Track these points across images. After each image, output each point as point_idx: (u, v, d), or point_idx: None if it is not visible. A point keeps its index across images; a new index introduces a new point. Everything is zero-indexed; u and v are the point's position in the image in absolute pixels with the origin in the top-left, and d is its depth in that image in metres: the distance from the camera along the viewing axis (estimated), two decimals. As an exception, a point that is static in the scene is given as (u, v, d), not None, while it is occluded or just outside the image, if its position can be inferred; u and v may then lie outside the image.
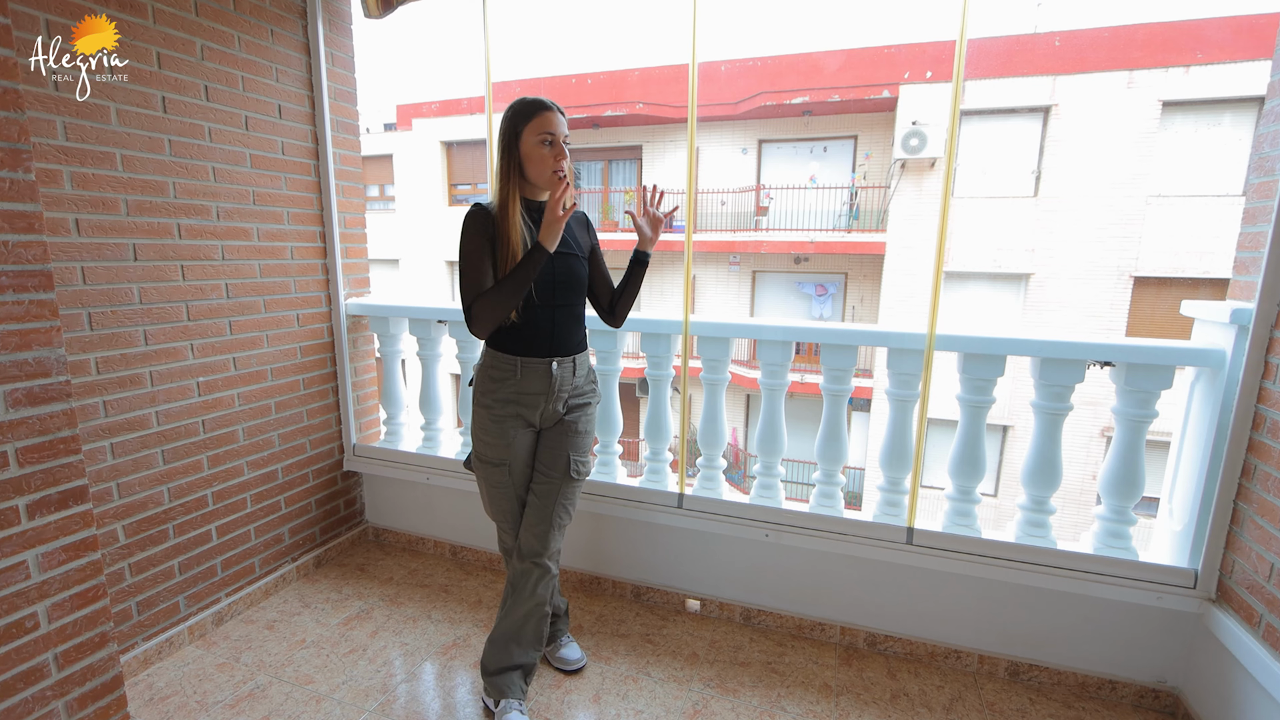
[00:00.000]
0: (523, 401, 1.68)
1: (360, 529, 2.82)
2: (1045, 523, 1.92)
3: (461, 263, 1.59)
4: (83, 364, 1.78)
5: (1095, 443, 8.91)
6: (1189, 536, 1.75)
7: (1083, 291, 8.88)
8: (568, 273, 1.66)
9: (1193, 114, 8.37)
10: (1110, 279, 8.76)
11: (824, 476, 2.14)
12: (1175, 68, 8.25)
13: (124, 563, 1.93)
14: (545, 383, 1.67)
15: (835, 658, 2.07)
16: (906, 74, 9.45)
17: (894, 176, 9.61)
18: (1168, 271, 8.56)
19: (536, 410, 1.70)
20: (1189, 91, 8.21)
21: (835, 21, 45.23)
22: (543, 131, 1.56)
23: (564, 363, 1.69)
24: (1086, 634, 1.88)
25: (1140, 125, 8.39)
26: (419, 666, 2.02)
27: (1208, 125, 8.37)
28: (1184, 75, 8.24)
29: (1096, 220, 8.71)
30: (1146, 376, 1.74)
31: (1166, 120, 8.40)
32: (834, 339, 2.03)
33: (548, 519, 1.72)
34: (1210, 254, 8.37)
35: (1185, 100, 8.27)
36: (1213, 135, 8.36)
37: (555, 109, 1.58)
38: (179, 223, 1.99)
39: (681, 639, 2.17)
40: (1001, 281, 9.36)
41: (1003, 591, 1.93)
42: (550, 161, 1.57)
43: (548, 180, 1.59)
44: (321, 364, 2.56)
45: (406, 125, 12.83)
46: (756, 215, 10.77)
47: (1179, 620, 1.78)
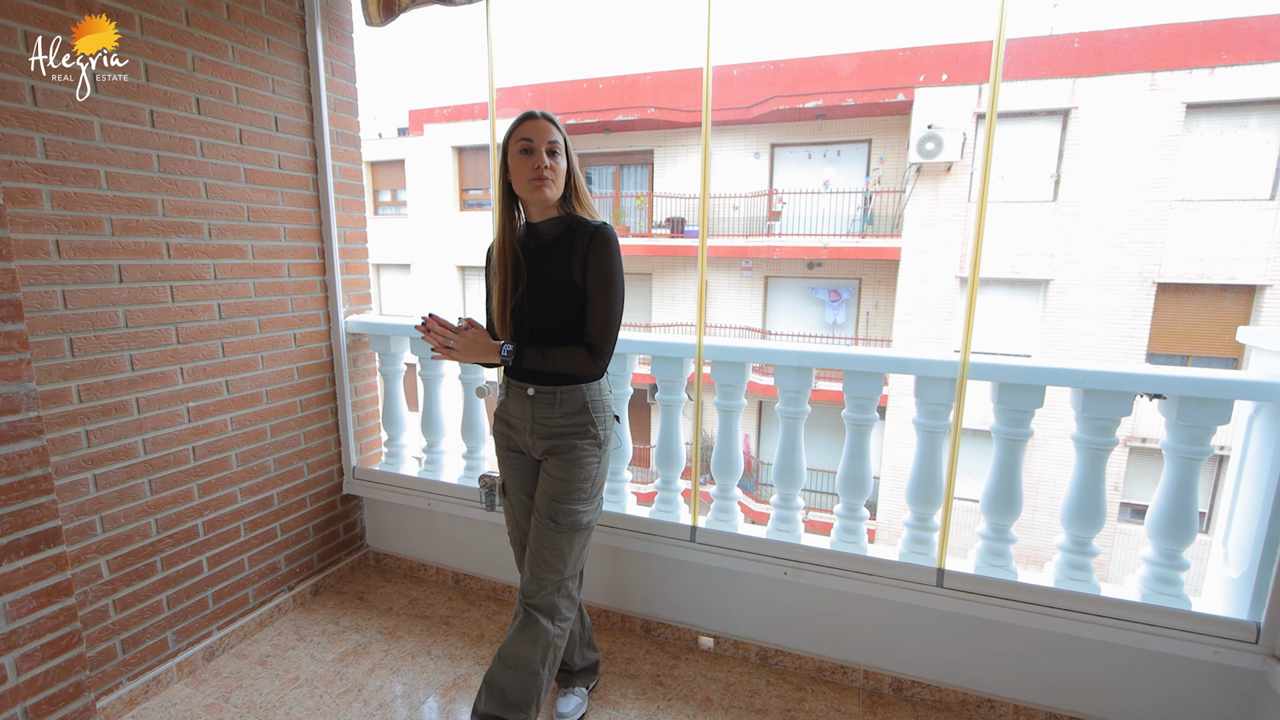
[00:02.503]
0: (511, 424, 1.66)
1: (360, 554, 2.72)
2: (1088, 565, 1.78)
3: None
4: (63, 393, 1.69)
5: (1118, 452, 8.68)
6: (1249, 585, 1.60)
7: (1104, 298, 8.65)
8: (546, 305, 1.51)
9: (1218, 116, 8.14)
10: (1132, 285, 8.54)
11: (846, 510, 2.01)
12: (1199, 69, 8.03)
13: (107, 599, 1.83)
14: (524, 409, 1.61)
15: (859, 705, 1.94)
16: (922, 77, 9.27)
17: (909, 181, 9.44)
18: (1192, 278, 8.33)
19: (523, 438, 1.64)
20: (1214, 94, 7.99)
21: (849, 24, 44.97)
22: (521, 139, 1.48)
23: (543, 393, 1.56)
24: (1133, 687, 1.73)
25: (1163, 128, 8.18)
26: (417, 710, 1.91)
27: (1234, 128, 8.14)
28: (1209, 77, 8.01)
29: (1118, 225, 8.49)
30: (1201, 411, 1.60)
31: (1191, 123, 8.17)
32: (859, 365, 1.90)
33: (532, 560, 1.58)
34: (1236, 260, 8.13)
35: (1210, 102, 8.04)
36: (1239, 138, 8.12)
37: (540, 117, 1.49)
38: (168, 241, 1.90)
39: (694, 680, 2.04)
40: (1020, 288, 9.16)
41: (1041, 639, 1.79)
42: (527, 170, 1.47)
43: (527, 189, 1.48)
44: (320, 384, 2.47)
45: (419, 130, 12.81)
46: (769, 220, 10.61)
47: (1238, 677, 1.63)
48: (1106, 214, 8.52)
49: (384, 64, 52.80)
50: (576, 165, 1.55)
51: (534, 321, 1.53)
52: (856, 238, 10.01)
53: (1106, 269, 8.62)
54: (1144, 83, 8.23)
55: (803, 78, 9.99)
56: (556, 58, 58.29)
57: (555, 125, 1.51)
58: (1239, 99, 7.96)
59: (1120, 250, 8.53)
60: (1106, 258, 8.60)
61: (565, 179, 1.52)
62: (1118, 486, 8.77)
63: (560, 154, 1.50)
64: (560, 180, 1.51)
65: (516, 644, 1.55)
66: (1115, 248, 8.55)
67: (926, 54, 9.40)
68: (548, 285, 1.52)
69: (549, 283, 1.51)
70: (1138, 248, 8.47)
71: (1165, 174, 8.22)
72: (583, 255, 1.48)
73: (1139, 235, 8.43)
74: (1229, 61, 7.97)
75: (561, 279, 1.50)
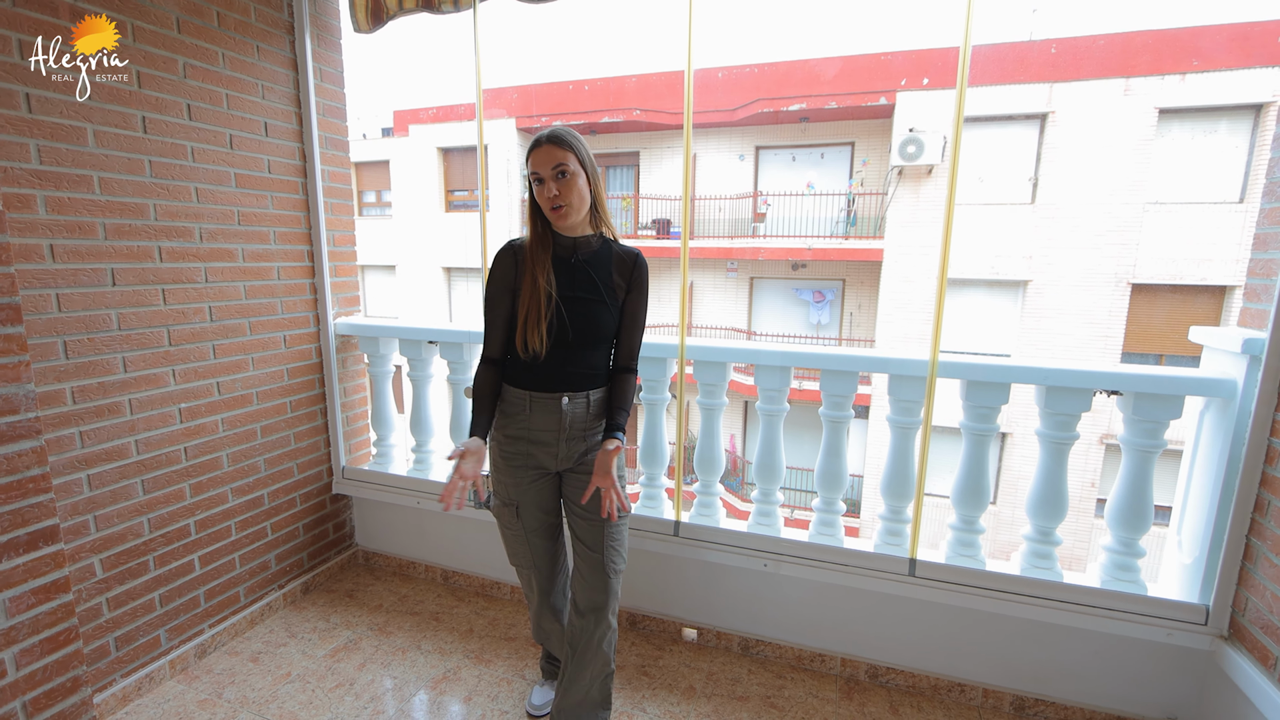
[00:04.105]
0: (534, 439, 1.59)
1: (350, 552, 2.76)
2: (1051, 554, 1.87)
3: (484, 306, 1.61)
4: (57, 394, 1.72)
5: (1094, 449, 8.87)
6: (1199, 571, 1.70)
7: (1080, 298, 8.85)
8: (585, 320, 1.54)
9: (1189, 121, 8.36)
10: (1108, 286, 8.74)
11: (823, 504, 2.09)
12: (1172, 75, 8.24)
13: (101, 598, 1.86)
14: (556, 420, 1.57)
15: (836, 691, 2.02)
16: (903, 81, 9.43)
17: (891, 183, 9.59)
18: (1165, 279, 8.55)
19: (551, 451, 1.60)
20: (1185, 99, 8.20)
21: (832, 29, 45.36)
22: (531, 172, 1.49)
23: (576, 398, 1.58)
24: (1095, 669, 1.82)
25: (1137, 132, 8.38)
26: (408, 703, 1.96)
27: (1204, 133, 8.37)
28: (1180, 82, 8.23)
29: (1094, 227, 8.69)
30: (1155, 406, 1.69)
31: (1163, 127, 8.39)
32: (834, 364, 1.98)
33: (600, 566, 1.60)
34: (1208, 261, 8.36)
35: (1182, 108, 8.26)
36: (1209, 142, 8.35)
37: (546, 142, 1.47)
38: (160, 245, 1.94)
39: (678, 671, 2.11)
40: (999, 288, 9.34)
41: (1008, 625, 1.88)
42: (544, 201, 1.48)
43: (550, 217, 1.50)
44: (310, 385, 2.50)
45: (404, 131, 12.77)
46: (754, 221, 10.73)
47: (1190, 657, 1.72)
48: (1083, 216, 8.72)
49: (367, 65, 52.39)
50: (599, 178, 1.55)
51: (575, 333, 1.53)
52: (840, 239, 10.14)
53: (1083, 270, 8.82)
54: (1118, 88, 8.43)
55: (786, 81, 10.11)
56: (542, 59, 58.19)
57: (562, 144, 1.46)
58: (1209, 104, 8.19)
59: (1096, 252, 8.74)
60: (1083, 259, 8.80)
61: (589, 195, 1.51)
62: (1095, 483, 8.97)
63: (572, 172, 1.46)
64: (579, 201, 1.49)
65: (600, 656, 1.61)
66: (1091, 249, 8.75)
67: (908, 58, 9.55)
68: (589, 301, 1.54)
69: (589, 298, 1.54)
70: (1113, 249, 8.67)
71: (1139, 177, 8.43)
72: (627, 280, 1.60)
73: (1114, 237, 8.64)
74: (1199, 68, 8.19)
75: (602, 296, 1.56)
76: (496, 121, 11.57)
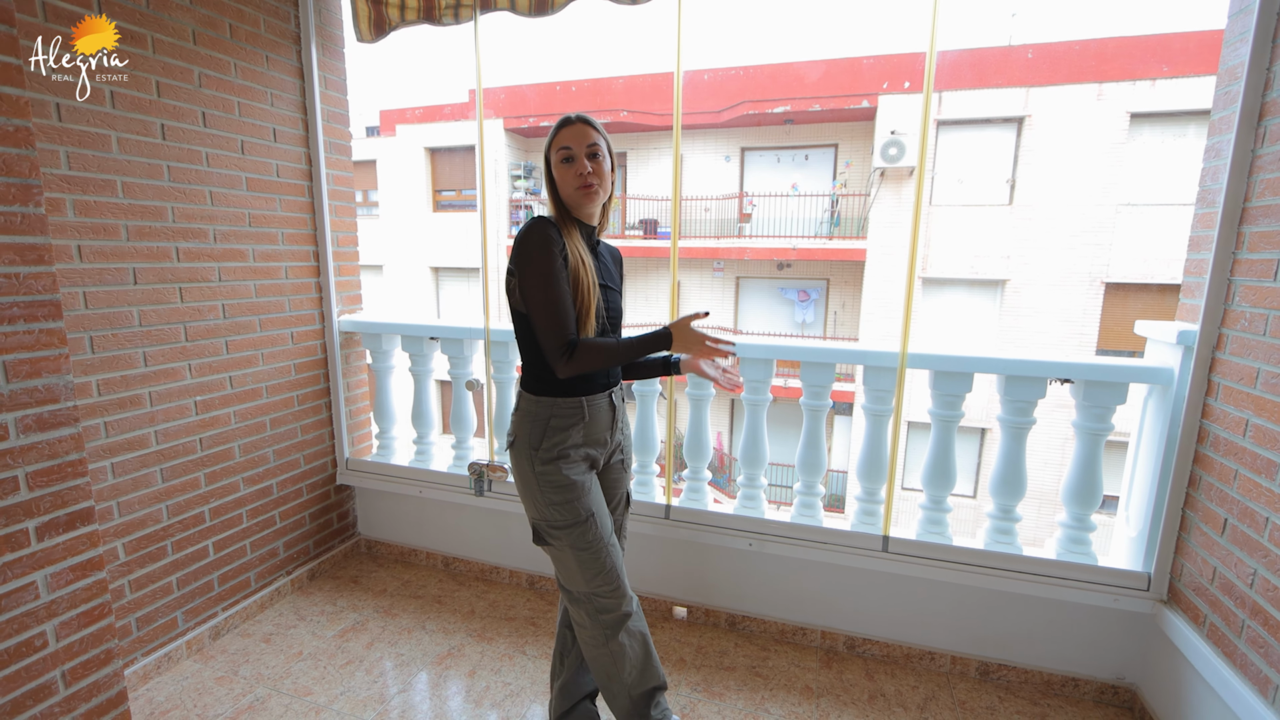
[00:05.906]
0: (590, 441, 1.54)
1: (353, 541, 2.87)
2: (1012, 530, 2.03)
3: (542, 289, 1.40)
4: (85, 386, 1.82)
5: (1070, 444, 9.14)
6: (1143, 542, 1.87)
7: (1056, 297, 9.13)
8: (615, 310, 1.58)
9: (1159, 125, 8.65)
10: (1083, 285, 9.02)
11: (804, 487, 2.24)
12: (1143, 80, 8.53)
13: (124, 580, 1.97)
14: (610, 416, 1.57)
15: (816, 661, 2.17)
16: (885, 84, 9.65)
17: (874, 184, 9.81)
18: (1137, 278, 8.84)
19: (604, 449, 1.59)
20: (1155, 104, 8.50)
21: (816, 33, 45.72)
22: (560, 148, 1.44)
23: (617, 393, 1.62)
24: (1051, 635, 1.99)
25: (1110, 136, 8.66)
26: (414, 677, 2.08)
27: (1173, 136, 8.66)
28: (1150, 88, 8.52)
29: (1069, 228, 8.97)
30: (1102, 393, 1.86)
31: (1135, 131, 8.67)
32: (813, 357, 2.13)
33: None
34: (1178, 261, 8.64)
35: (1152, 112, 8.55)
36: (1178, 146, 8.64)
37: (577, 120, 1.45)
38: (177, 246, 2.04)
39: (669, 645, 2.25)
40: (978, 288, 9.59)
41: (973, 595, 2.04)
42: (572, 179, 1.43)
43: (575, 197, 1.45)
44: (315, 380, 2.61)
45: (390, 131, 12.81)
46: (740, 222, 10.91)
47: (1135, 621, 1.90)
48: (1058, 217, 8.99)
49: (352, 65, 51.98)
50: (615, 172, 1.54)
51: (610, 321, 1.56)
52: (824, 239, 10.36)
53: (1059, 269, 9.09)
54: (1092, 93, 8.70)
55: (771, 84, 10.30)
56: (531, 60, 58.10)
57: (593, 126, 1.45)
58: (1178, 109, 8.49)
59: (1071, 252, 9.01)
60: (1059, 259, 9.07)
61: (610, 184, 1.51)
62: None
63: (601, 156, 1.45)
64: (607, 183, 1.48)
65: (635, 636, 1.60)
66: (1067, 249, 9.02)
67: (890, 62, 9.78)
68: (614, 291, 1.59)
69: (613, 288, 1.59)
70: (1087, 249, 8.95)
71: (1112, 179, 8.71)
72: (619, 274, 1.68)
73: (1089, 238, 8.92)
74: (1169, 74, 8.49)
75: (619, 286, 1.65)
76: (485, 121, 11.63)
